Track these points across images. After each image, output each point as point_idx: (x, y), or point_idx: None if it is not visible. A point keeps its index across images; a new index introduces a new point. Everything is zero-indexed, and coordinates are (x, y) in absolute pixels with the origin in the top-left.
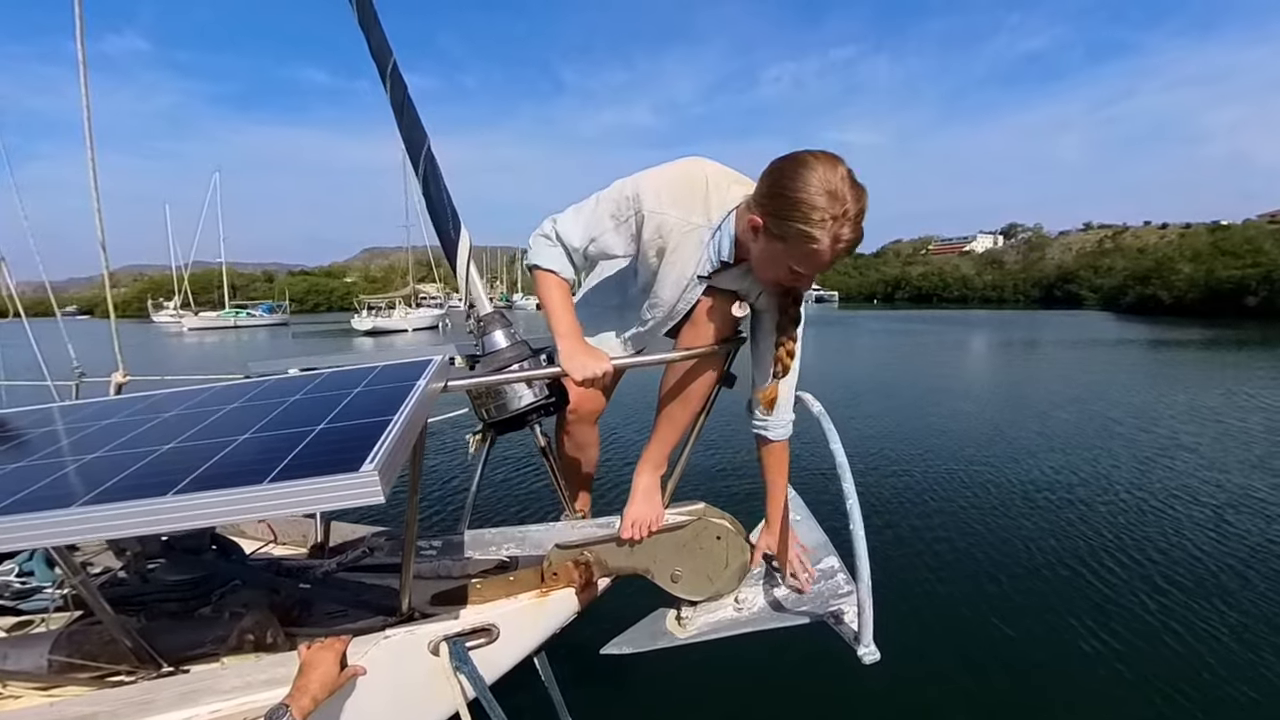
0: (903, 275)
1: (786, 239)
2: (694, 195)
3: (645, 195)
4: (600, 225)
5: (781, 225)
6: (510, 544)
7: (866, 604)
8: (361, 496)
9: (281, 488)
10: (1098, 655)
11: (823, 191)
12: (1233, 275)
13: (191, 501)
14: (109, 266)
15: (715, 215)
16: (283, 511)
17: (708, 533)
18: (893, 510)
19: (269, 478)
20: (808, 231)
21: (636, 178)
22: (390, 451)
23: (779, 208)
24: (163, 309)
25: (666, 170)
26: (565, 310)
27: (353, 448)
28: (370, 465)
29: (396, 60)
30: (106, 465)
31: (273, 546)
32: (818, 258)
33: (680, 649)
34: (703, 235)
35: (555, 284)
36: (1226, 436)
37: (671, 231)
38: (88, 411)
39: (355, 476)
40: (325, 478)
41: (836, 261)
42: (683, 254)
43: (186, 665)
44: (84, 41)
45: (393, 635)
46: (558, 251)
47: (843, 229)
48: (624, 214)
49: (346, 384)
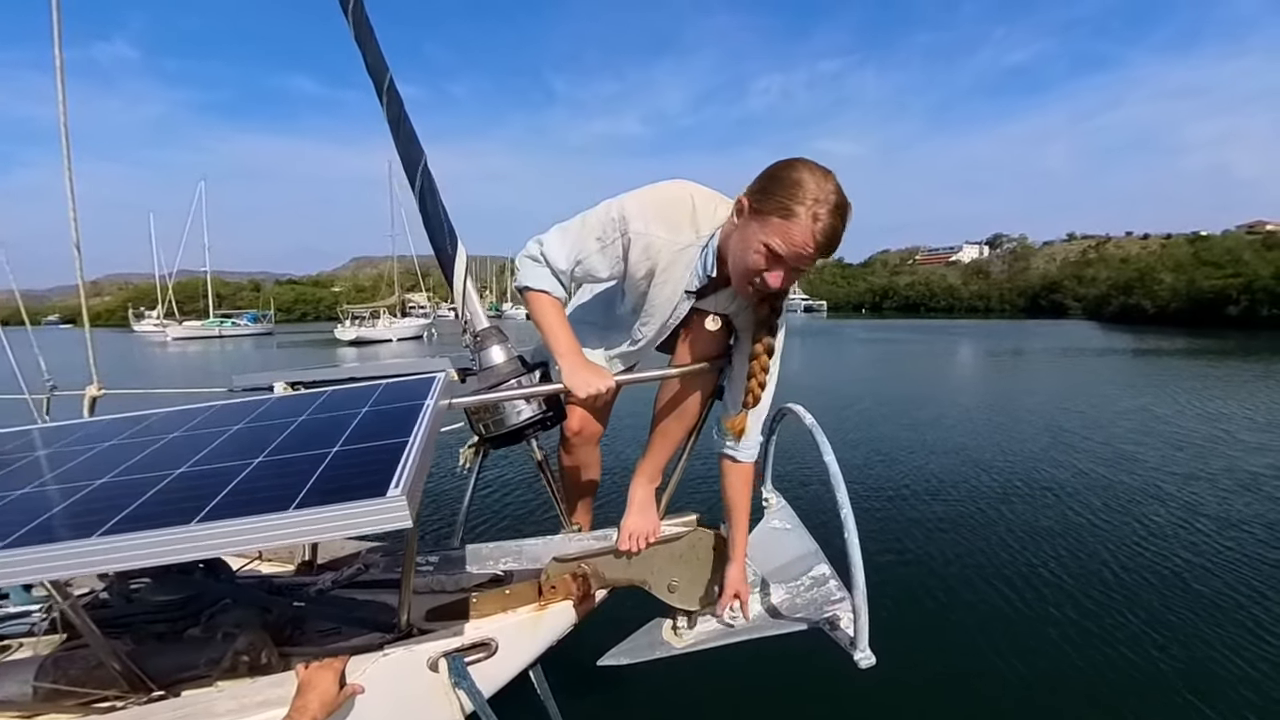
0: (890, 285)
1: (766, 212)
2: (680, 215)
3: (632, 217)
4: (585, 247)
5: (765, 200)
6: (507, 558)
7: (862, 610)
8: (390, 520)
9: (308, 514)
10: (1089, 660)
11: (812, 180)
12: (1214, 285)
13: (218, 530)
14: (83, 272)
15: (704, 232)
16: (311, 538)
17: (703, 543)
18: (883, 517)
19: (294, 504)
20: (789, 205)
21: (622, 199)
22: (414, 473)
23: (766, 186)
24: (144, 318)
25: (652, 192)
26: (562, 328)
27: (373, 470)
28: (397, 489)
29: (393, 76)
30: (121, 491)
31: (258, 563)
32: (794, 234)
33: (677, 658)
34: (692, 254)
35: (548, 304)
36: (1212, 444)
37: (660, 252)
38: (83, 433)
39: (384, 501)
40: (353, 503)
41: (813, 258)
42: (674, 273)
43: (178, 689)
44: (60, 46)
45: (391, 652)
46: (546, 272)
47: (821, 209)
48: (610, 236)
49: (352, 403)
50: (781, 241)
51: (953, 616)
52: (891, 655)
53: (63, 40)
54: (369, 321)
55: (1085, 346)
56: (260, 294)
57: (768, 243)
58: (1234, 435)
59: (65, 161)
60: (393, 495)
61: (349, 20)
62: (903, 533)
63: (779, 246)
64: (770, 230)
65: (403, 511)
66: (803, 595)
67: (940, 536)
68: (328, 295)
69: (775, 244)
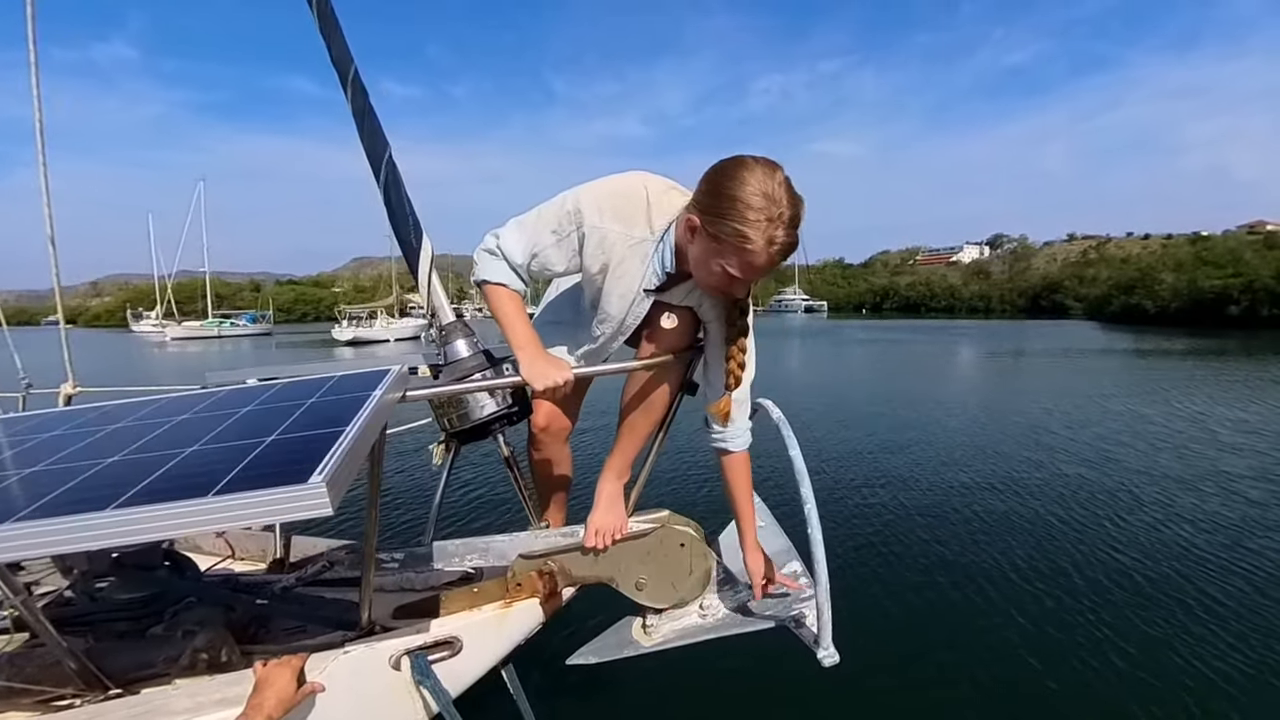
0: (891, 285)
1: (721, 239)
2: (635, 209)
3: (586, 210)
4: (541, 240)
5: (717, 224)
6: (474, 555)
7: (825, 607)
8: (310, 509)
9: (226, 500)
10: (1062, 659)
11: (759, 193)
12: (1215, 285)
13: (132, 516)
14: (59, 271)
15: (658, 226)
16: (227, 525)
17: (671, 540)
18: (863, 515)
19: (214, 490)
20: (742, 231)
21: (577, 191)
22: (341, 462)
23: (716, 206)
24: (143, 319)
25: (606, 184)
26: (519, 321)
27: (302, 459)
28: (319, 477)
29: (358, 68)
30: (47, 479)
31: (231, 562)
32: (752, 258)
33: (646, 657)
34: (647, 249)
35: (506, 296)
36: (1212, 445)
37: (614, 246)
38: (30, 424)
39: (303, 488)
40: (272, 490)
41: (772, 269)
42: (628, 268)
43: (136, 687)
44: (35, 41)
45: (352, 650)
46: (503, 265)
47: (777, 231)
48: (565, 229)
49: (301, 394)
50: (739, 267)
51: (928, 616)
52: (860, 653)
53: (37, 36)
54: (366, 322)
55: (1086, 347)
56: (260, 294)
57: (727, 267)
58: (1239, 438)
59: (39, 157)
60: (314, 482)
61: (313, 12)
62: (883, 531)
63: (737, 272)
64: (727, 255)
65: (323, 499)
66: (773, 593)
67: (922, 535)
68: (328, 296)
69: (733, 270)
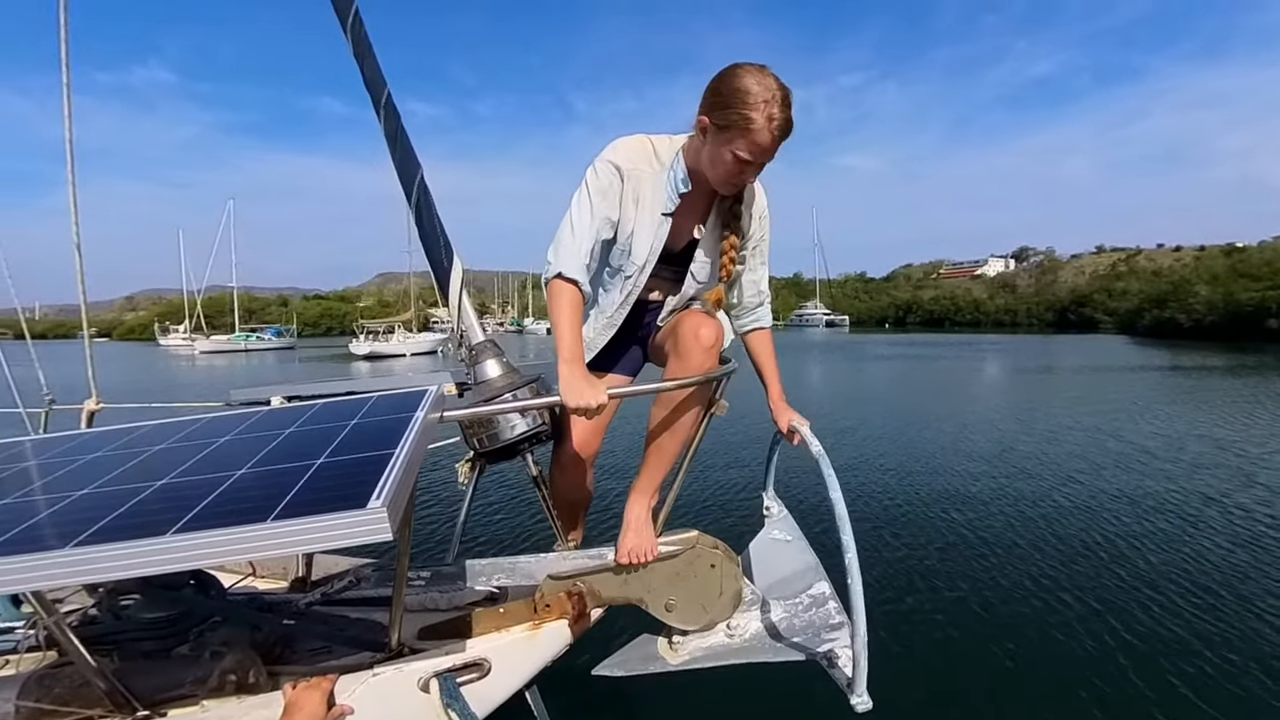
0: (914, 299)
1: (728, 127)
2: (645, 152)
3: (619, 159)
4: (600, 206)
5: (724, 115)
6: (500, 575)
7: (861, 655)
8: (370, 533)
9: (287, 525)
10: (1111, 707)
11: (754, 82)
12: (1252, 298)
13: (193, 541)
14: (85, 287)
15: (665, 160)
16: (290, 550)
17: (701, 561)
18: (894, 544)
19: (273, 515)
20: (745, 114)
21: (601, 156)
22: (397, 486)
23: (720, 101)
24: (170, 333)
25: (618, 143)
26: (573, 332)
27: (356, 482)
28: (378, 501)
29: (390, 91)
30: (98, 502)
31: (253, 580)
32: (757, 136)
33: (671, 675)
34: (662, 179)
35: (569, 299)
36: (1257, 466)
37: (643, 181)
38: (71, 445)
39: (363, 513)
40: (332, 515)
41: (775, 149)
42: (650, 197)
43: (164, 708)
44: (68, 63)
45: (381, 672)
46: (574, 250)
47: (774, 109)
48: (611, 183)
49: (342, 416)
50: (748, 148)
51: (962, 655)
52: (891, 688)
53: (70, 58)
54: (383, 336)
55: (1122, 363)
56: (288, 308)
57: (736, 152)
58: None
59: (69, 175)
60: (373, 507)
61: (348, 37)
62: (914, 563)
63: (747, 154)
64: (736, 141)
65: (383, 524)
66: (801, 616)
67: (955, 567)
68: (352, 310)
69: (743, 153)
